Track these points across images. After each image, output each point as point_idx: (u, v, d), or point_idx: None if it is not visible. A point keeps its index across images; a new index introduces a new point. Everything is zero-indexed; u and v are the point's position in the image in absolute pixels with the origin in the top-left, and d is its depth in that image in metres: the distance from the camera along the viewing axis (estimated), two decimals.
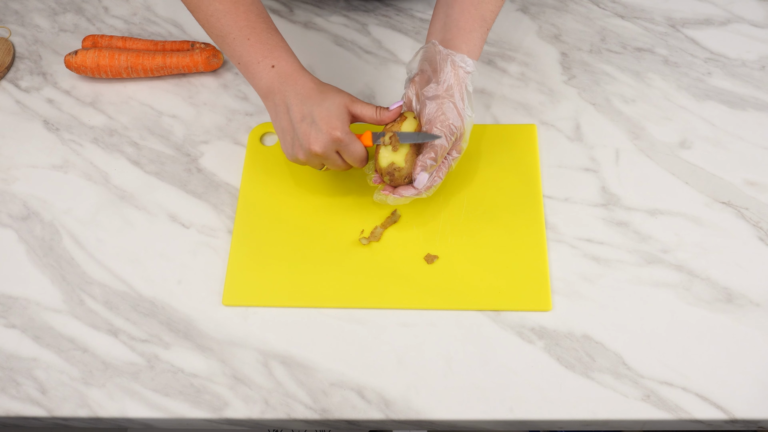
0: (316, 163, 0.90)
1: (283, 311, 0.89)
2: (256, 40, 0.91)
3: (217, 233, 0.95)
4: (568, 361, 0.84)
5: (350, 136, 0.87)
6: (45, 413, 0.84)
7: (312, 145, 0.87)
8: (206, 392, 0.84)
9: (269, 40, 0.91)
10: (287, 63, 0.90)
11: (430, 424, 0.83)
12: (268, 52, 0.91)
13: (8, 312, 0.90)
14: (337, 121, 0.86)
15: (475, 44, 0.91)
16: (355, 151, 0.88)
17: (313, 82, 0.89)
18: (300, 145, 0.88)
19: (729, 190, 0.96)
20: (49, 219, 0.97)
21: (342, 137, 0.86)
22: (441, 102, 0.87)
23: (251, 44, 0.91)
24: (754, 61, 1.08)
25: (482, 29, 0.91)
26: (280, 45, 0.92)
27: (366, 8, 1.17)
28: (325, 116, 0.86)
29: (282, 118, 0.89)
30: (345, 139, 0.87)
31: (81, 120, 1.06)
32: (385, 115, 0.89)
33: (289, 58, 0.91)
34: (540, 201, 0.95)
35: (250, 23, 0.91)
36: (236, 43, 0.91)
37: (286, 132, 0.89)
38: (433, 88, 0.88)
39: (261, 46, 0.91)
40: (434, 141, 0.87)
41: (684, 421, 0.81)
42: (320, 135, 0.86)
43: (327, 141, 0.86)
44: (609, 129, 1.02)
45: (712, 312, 0.87)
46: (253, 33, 0.91)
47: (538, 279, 0.89)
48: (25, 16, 1.18)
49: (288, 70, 0.90)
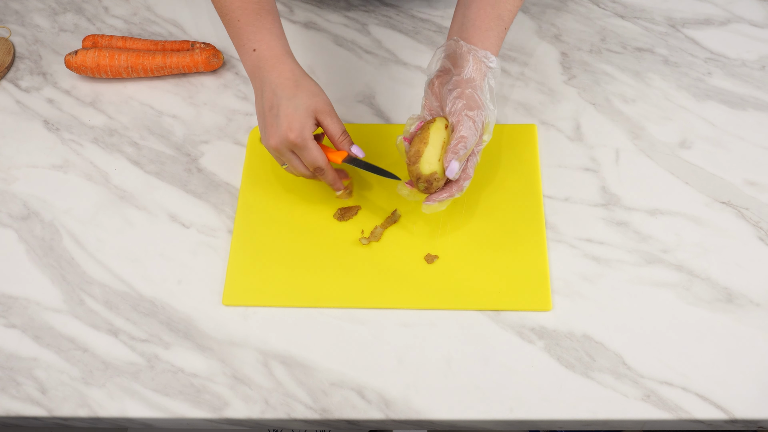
0: (277, 157, 0.90)
1: (284, 311, 0.89)
2: (246, 22, 0.91)
3: (217, 233, 0.95)
4: (568, 361, 0.84)
5: (307, 142, 0.86)
6: (45, 413, 0.84)
7: (269, 138, 0.87)
8: (206, 392, 0.84)
9: (257, 22, 0.90)
10: (268, 48, 0.89)
11: (430, 424, 0.83)
12: (252, 35, 0.90)
13: (8, 312, 0.90)
14: (298, 123, 0.85)
15: (492, 42, 0.89)
16: (309, 157, 0.87)
17: (291, 72, 0.88)
18: (263, 134, 0.89)
19: (729, 190, 0.96)
20: (49, 219, 0.97)
21: (296, 141, 0.86)
22: (463, 92, 0.86)
23: (240, 26, 0.91)
24: (754, 61, 1.08)
25: (499, 28, 0.90)
26: (266, 28, 0.90)
27: (366, 8, 1.17)
28: (288, 114, 0.86)
29: (257, 102, 0.89)
30: (299, 144, 0.86)
31: (81, 120, 1.06)
32: (344, 144, 0.89)
33: (273, 42, 0.90)
34: (540, 201, 0.95)
35: (243, 3, 0.91)
36: (230, 25, 0.92)
37: (259, 117, 0.89)
38: (455, 81, 0.87)
39: (248, 29, 0.91)
40: (461, 132, 0.84)
41: (684, 421, 0.81)
42: (278, 131, 0.86)
43: (282, 139, 0.86)
44: (609, 129, 1.02)
45: (712, 312, 0.87)
46: (244, 14, 0.91)
47: (538, 279, 0.89)
48: (26, 16, 1.18)
49: (267, 55, 0.89)
